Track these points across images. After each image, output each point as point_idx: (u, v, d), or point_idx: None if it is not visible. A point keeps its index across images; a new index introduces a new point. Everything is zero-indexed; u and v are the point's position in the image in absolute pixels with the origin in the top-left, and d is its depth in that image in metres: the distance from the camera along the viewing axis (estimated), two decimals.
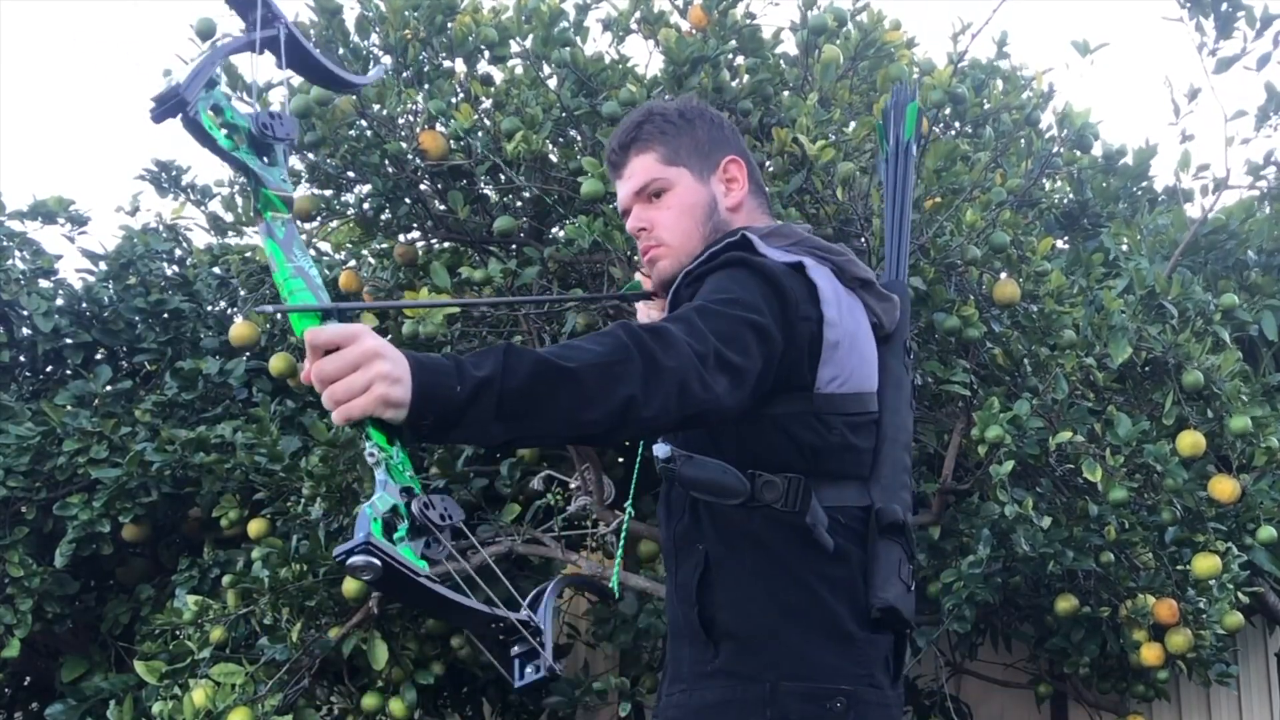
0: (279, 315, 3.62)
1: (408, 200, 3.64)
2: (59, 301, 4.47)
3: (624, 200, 1.92)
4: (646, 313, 2.06)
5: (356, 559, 1.24)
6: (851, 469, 1.73)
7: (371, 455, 1.34)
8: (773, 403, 1.67)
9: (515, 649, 1.40)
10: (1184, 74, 10.80)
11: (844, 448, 1.72)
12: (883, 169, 2.20)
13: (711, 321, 1.56)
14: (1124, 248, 4.34)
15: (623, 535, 1.86)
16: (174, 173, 4.56)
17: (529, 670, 1.39)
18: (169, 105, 1.38)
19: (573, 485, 3.71)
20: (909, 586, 1.74)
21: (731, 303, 1.61)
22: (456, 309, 3.37)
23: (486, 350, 1.40)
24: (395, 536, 1.31)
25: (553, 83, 3.57)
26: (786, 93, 3.50)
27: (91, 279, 4.59)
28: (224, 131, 1.44)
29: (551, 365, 1.40)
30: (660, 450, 1.71)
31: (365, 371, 1.30)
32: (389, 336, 3.97)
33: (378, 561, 1.24)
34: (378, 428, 1.34)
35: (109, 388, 4.19)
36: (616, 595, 1.42)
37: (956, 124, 3.80)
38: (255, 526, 3.75)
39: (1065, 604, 3.62)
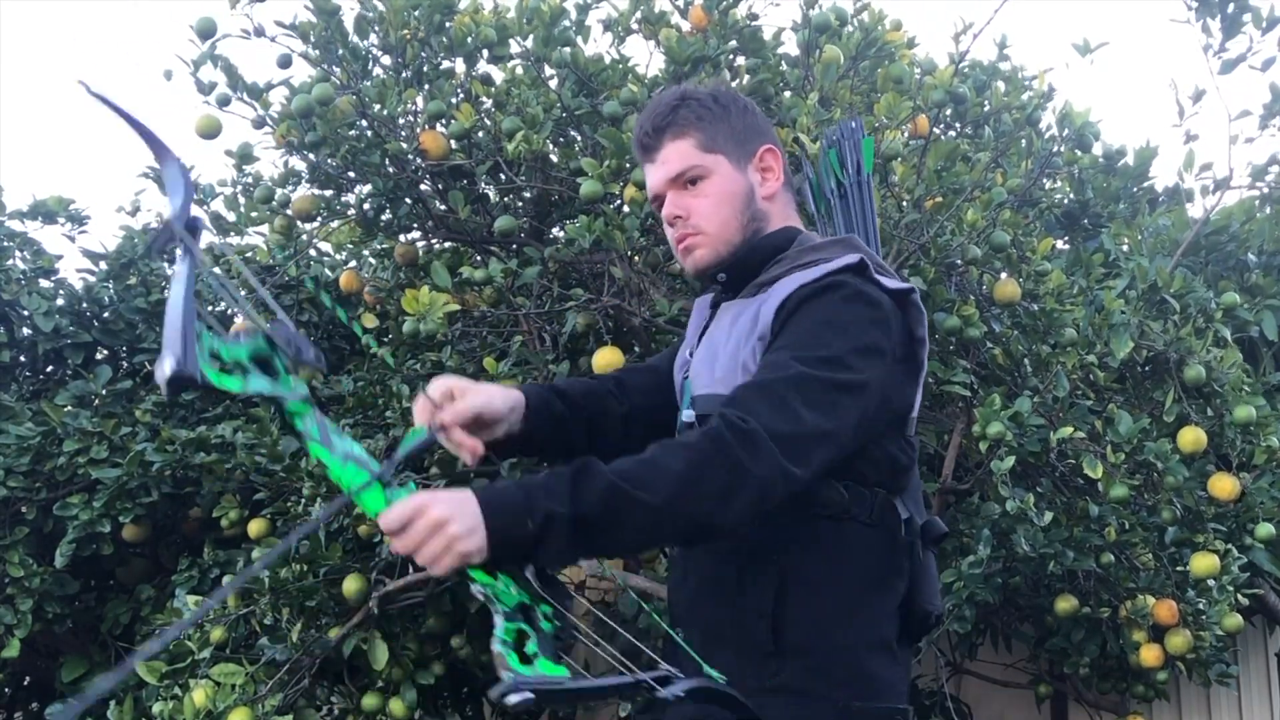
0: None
1: (408, 200, 3.64)
2: (59, 301, 4.46)
3: (656, 186, 1.86)
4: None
5: (513, 699, 1.39)
6: (904, 484, 1.77)
7: (479, 593, 1.46)
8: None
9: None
10: (1188, 74, 10.80)
11: (910, 466, 1.78)
12: (832, 197, 2.21)
13: (804, 392, 1.58)
14: (1124, 248, 4.35)
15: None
16: None
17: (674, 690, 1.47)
18: (180, 385, 1.43)
19: None
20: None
21: (827, 362, 1.61)
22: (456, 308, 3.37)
23: (561, 471, 1.46)
24: (528, 651, 1.44)
25: (553, 83, 3.57)
26: (788, 93, 3.50)
27: (92, 279, 4.59)
28: (231, 375, 1.49)
29: (625, 496, 1.45)
30: None
31: (440, 538, 1.41)
32: (389, 336, 3.98)
33: (531, 694, 1.40)
34: (473, 568, 1.45)
35: (109, 388, 4.19)
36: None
37: (957, 124, 3.81)
38: (255, 526, 3.75)
39: (1065, 604, 3.61)
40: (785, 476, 1.53)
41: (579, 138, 3.67)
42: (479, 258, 3.81)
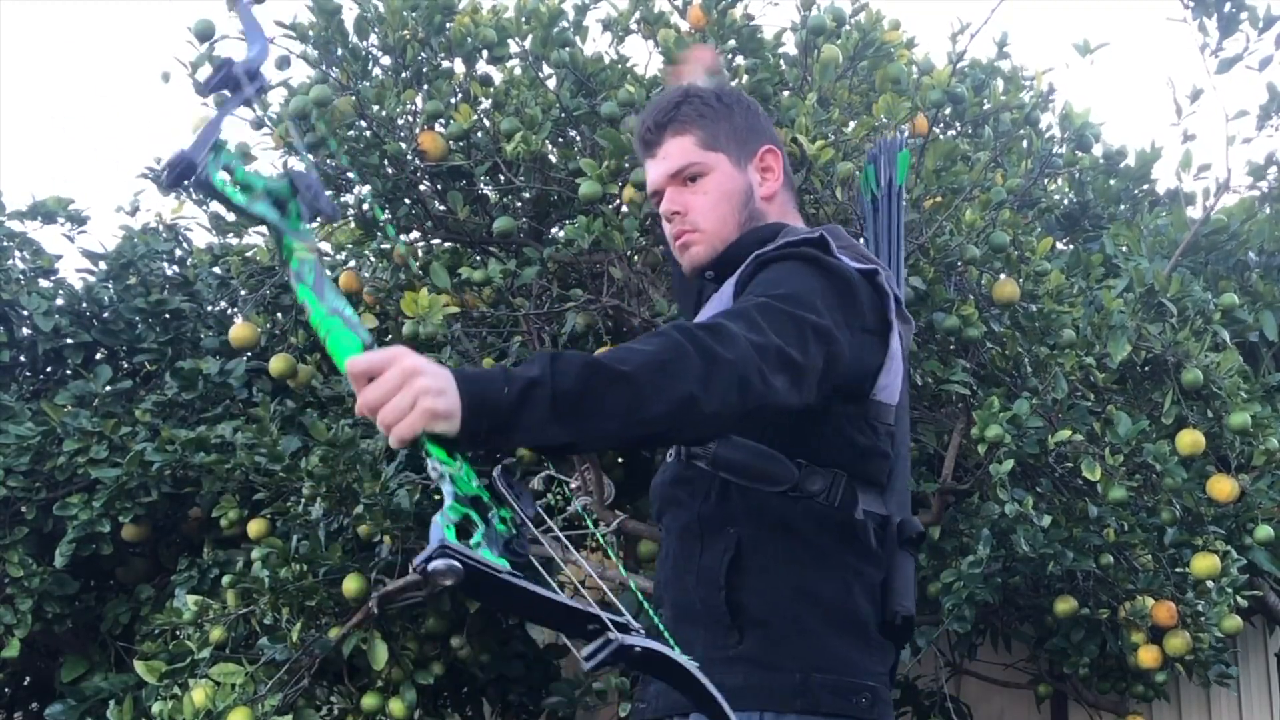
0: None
1: (407, 201, 3.65)
2: (59, 301, 4.47)
3: (656, 181, 1.88)
4: None
5: (437, 564, 1.22)
6: (878, 476, 1.75)
7: (435, 470, 1.33)
8: (833, 401, 1.67)
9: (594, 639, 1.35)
10: (1186, 74, 10.79)
11: (881, 454, 1.75)
12: (868, 209, 2.22)
13: (770, 317, 1.54)
14: (1124, 249, 4.34)
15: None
16: None
17: (601, 652, 1.33)
18: (178, 170, 1.39)
19: (573, 485, 3.71)
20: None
21: (792, 299, 1.58)
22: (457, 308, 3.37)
23: (533, 357, 1.39)
24: (472, 543, 1.29)
25: (552, 83, 3.57)
26: (786, 93, 3.50)
27: (91, 279, 4.59)
28: (237, 189, 1.44)
29: (603, 366, 1.38)
30: None
31: (408, 390, 1.30)
32: (389, 337, 3.98)
33: (458, 564, 1.23)
34: (435, 443, 1.33)
35: (109, 388, 4.19)
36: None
37: (956, 124, 3.80)
38: (255, 526, 3.75)
39: (1064, 605, 3.61)
40: (761, 373, 1.47)
41: (578, 138, 3.67)
42: (478, 258, 3.82)
